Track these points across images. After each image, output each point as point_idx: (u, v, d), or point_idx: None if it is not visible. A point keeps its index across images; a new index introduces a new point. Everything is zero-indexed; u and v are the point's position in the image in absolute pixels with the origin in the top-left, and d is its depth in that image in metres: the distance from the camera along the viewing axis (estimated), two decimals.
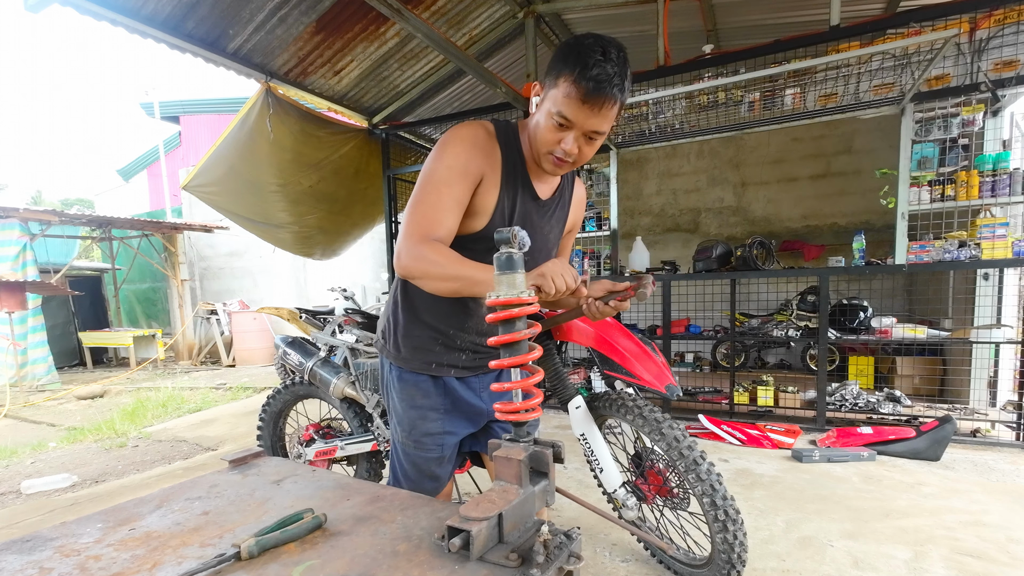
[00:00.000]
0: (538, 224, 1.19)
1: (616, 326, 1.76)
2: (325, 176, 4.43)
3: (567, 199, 1.28)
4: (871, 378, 4.19)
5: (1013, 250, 3.02)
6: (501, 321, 0.77)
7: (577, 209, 1.33)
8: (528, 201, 1.16)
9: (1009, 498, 2.44)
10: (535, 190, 1.17)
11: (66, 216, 7.84)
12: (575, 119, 1.00)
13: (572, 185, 1.30)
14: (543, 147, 1.06)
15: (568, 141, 1.03)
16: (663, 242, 6.39)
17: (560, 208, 1.26)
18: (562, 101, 0.99)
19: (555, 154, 1.05)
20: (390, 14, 3.33)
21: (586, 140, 1.04)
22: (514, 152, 1.13)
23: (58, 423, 4.88)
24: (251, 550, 0.66)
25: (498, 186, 1.10)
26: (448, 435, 1.26)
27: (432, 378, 1.24)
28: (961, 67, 3.17)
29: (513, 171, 1.12)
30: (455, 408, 1.26)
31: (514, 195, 1.13)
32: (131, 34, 3.03)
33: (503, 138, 1.12)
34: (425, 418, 1.24)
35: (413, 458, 1.26)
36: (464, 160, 1.05)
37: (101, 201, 14.72)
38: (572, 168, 1.11)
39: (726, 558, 1.55)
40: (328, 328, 2.75)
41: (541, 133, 1.05)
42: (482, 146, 1.08)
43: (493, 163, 1.10)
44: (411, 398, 1.25)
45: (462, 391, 1.25)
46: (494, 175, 1.10)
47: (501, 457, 0.72)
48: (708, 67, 3.51)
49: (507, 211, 1.13)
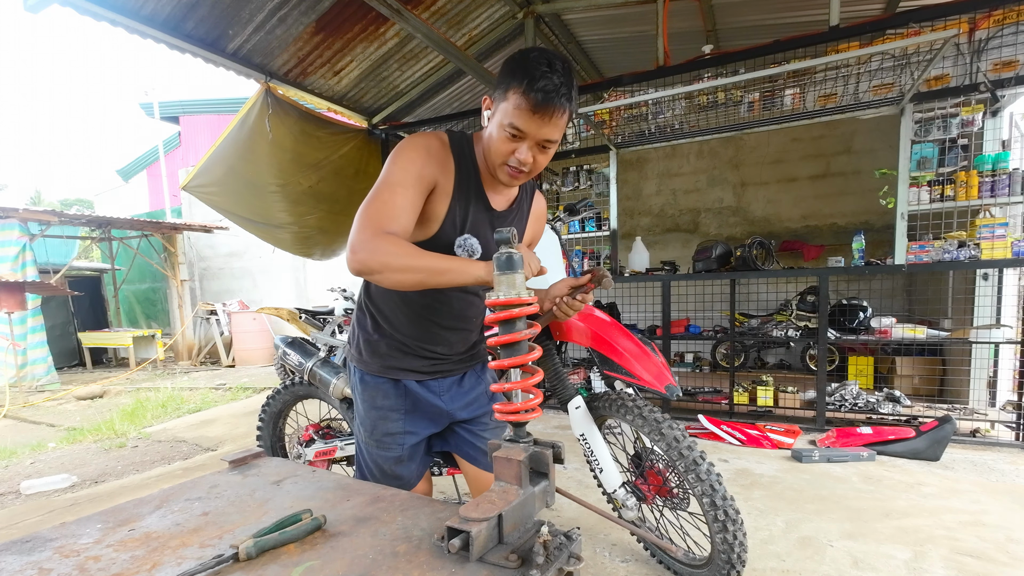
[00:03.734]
0: (490, 234, 1.19)
1: (616, 326, 1.76)
2: (325, 176, 4.43)
3: (525, 211, 1.30)
4: (871, 378, 4.19)
5: (1012, 250, 3.02)
6: (501, 321, 0.77)
7: (536, 223, 1.35)
8: (481, 211, 1.18)
9: (1009, 498, 2.44)
10: (488, 200, 1.18)
11: (66, 216, 7.84)
12: (527, 129, 1.02)
13: (531, 198, 1.32)
14: (497, 158, 1.09)
15: (522, 151, 1.05)
16: (663, 242, 6.39)
17: (518, 220, 1.27)
18: (513, 113, 1.02)
19: (510, 164, 1.08)
20: (390, 14, 3.34)
21: (540, 149, 1.07)
22: (468, 162, 1.15)
23: (57, 423, 4.88)
24: (249, 551, 0.66)
25: (450, 195, 1.13)
26: (408, 435, 1.29)
27: (392, 381, 1.27)
28: (960, 67, 3.17)
29: (466, 181, 1.14)
30: (416, 409, 1.29)
31: (466, 204, 1.15)
32: (131, 34, 3.03)
33: (457, 149, 1.15)
34: (386, 418, 1.28)
35: (375, 457, 1.29)
36: (418, 166, 1.08)
37: (101, 201, 14.71)
38: (528, 178, 1.13)
39: (726, 558, 1.55)
40: (328, 328, 2.75)
41: (495, 145, 1.08)
42: (435, 155, 1.11)
43: (446, 172, 1.12)
44: (372, 399, 1.28)
45: (422, 393, 1.28)
46: (447, 184, 1.12)
47: (501, 457, 0.72)
48: (708, 67, 3.52)
49: (458, 220, 1.14)
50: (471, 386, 1.36)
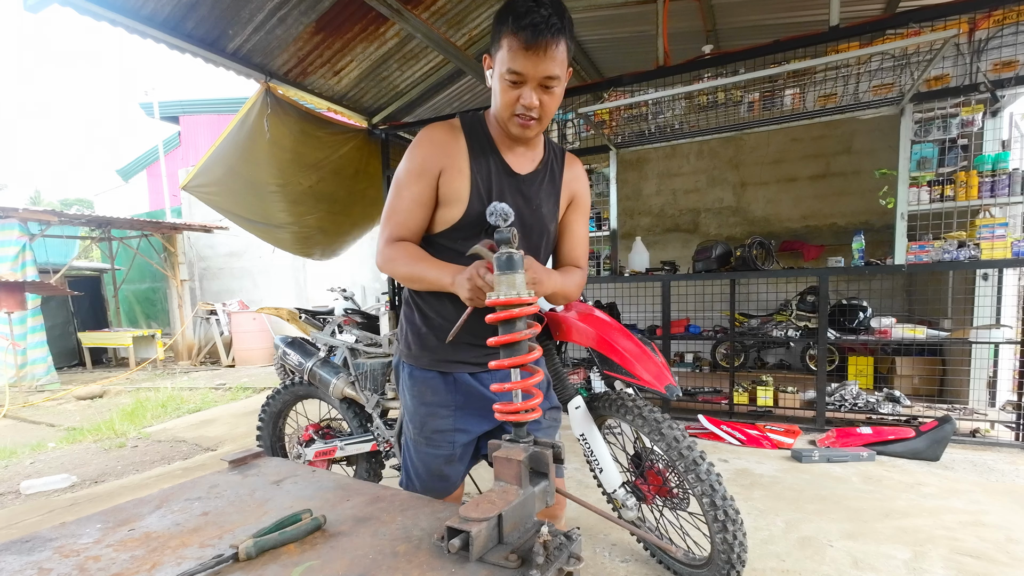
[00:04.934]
0: (520, 198, 1.18)
1: (616, 326, 1.76)
2: (325, 176, 4.43)
3: (557, 173, 1.25)
4: (870, 378, 4.19)
5: (1012, 250, 3.02)
6: (501, 321, 0.77)
7: (575, 183, 1.29)
8: (504, 177, 1.16)
9: (1008, 498, 2.44)
10: (509, 165, 1.17)
11: (65, 216, 7.84)
12: (524, 70, 1.01)
13: (562, 159, 1.27)
14: (505, 110, 1.08)
15: (526, 95, 1.04)
16: (663, 242, 6.38)
17: (549, 182, 1.23)
18: (508, 57, 1.01)
19: (517, 114, 1.07)
20: (390, 14, 3.34)
21: (543, 90, 1.05)
22: (480, 135, 1.16)
23: (57, 423, 4.88)
24: (249, 551, 0.66)
25: (467, 171, 1.13)
26: (459, 432, 1.24)
27: (442, 375, 1.24)
28: (960, 67, 3.17)
29: (481, 152, 1.15)
30: (467, 405, 1.24)
31: (487, 173, 1.14)
32: (131, 34, 3.03)
33: (468, 126, 1.17)
34: (435, 415, 1.24)
35: (423, 456, 1.26)
36: (420, 161, 1.13)
37: (100, 201, 14.71)
38: (540, 126, 1.11)
39: (726, 558, 1.55)
40: (328, 328, 2.75)
41: (500, 98, 1.07)
42: (439, 141, 1.13)
43: (455, 152, 1.13)
44: (421, 395, 1.25)
45: (474, 387, 1.23)
46: (460, 162, 1.13)
47: (501, 457, 0.72)
48: (708, 67, 3.52)
49: (483, 190, 1.13)
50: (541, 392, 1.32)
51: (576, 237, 1.32)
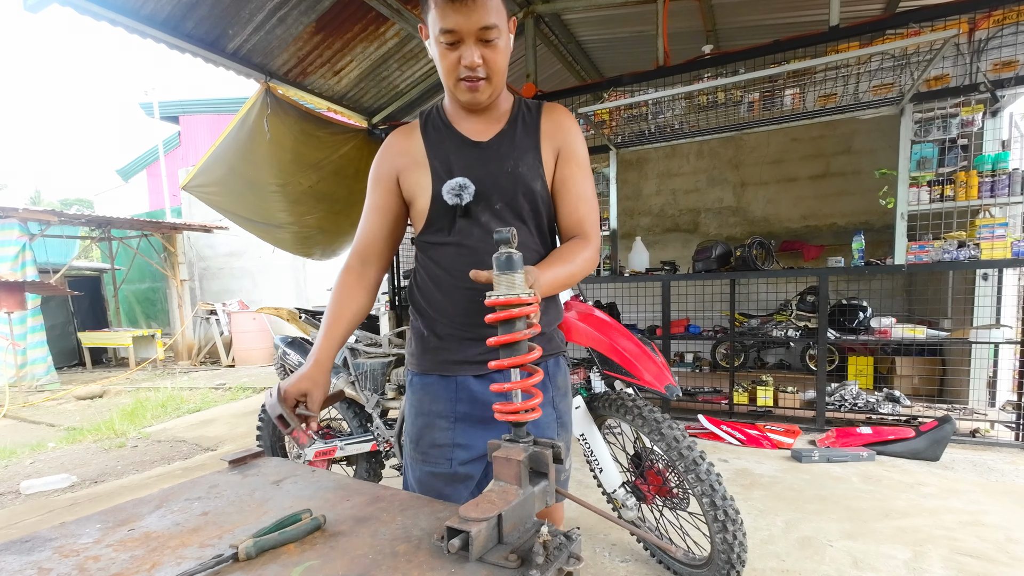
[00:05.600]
0: (488, 164, 1.07)
1: (616, 326, 1.76)
2: (325, 176, 4.43)
3: (531, 125, 1.11)
4: (870, 378, 4.19)
5: (1012, 250, 3.02)
6: (500, 321, 0.77)
7: (558, 132, 1.12)
8: (465, 149, 1.08)
9: (1008, 498, 2.44)
10: (468, 137, 1.09)
11: (65, 216, 7.84)
12: (456, 26, 0.94)
13: (538, 111, 1.14)
14: (448, 77, 1.01)
15: (465, 54, 0.97)
16: (663, 242, 6.39)
17: (523, 136, 1.10)
18: (437, 16, 0.95)
19: (462, 76, 1.00)
20: (390, 14, 3.34)
21: (483, 45, 0.97)
22: (435, 119, 1.12)
23: (57, 423, 4.88)
24: (249, 551, 0.66)
25: (425, 160, 1.08)
26: (458, 448, 1.10)
27: (443, 379, 1.12)
28: (960, 67, 3.17)
29: (436, 135, 1.10)
30: (469, 416, 1.10)
31: (444, 154, 1.08)
32: (131, 34, 3.03)
33: (424, 118, 1.14)
34: (432, 426, 1.12)
35: (420, 474, 1.14)
36: (375, 170, 1.14)
37: (100, 201, 14.71)
38: (491, 85, 1.02)
39: (725, 558, 1.55)
40: None
41: (441, 64, 1.01)
42: (392, 145, 1.13)
43: (410, 149, 1.10)
44: (419, 403, 1.15)
45: (480, 392, 1.10)
46: (417, 155, 1.09)
47: (501, 458, 0.72)
48: (708, 67, 3.52)
49: (442, 171, 1.06)
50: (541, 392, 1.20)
51: (574, 195, 1.12)
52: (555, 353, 1.19)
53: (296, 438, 0.96)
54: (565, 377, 1.23)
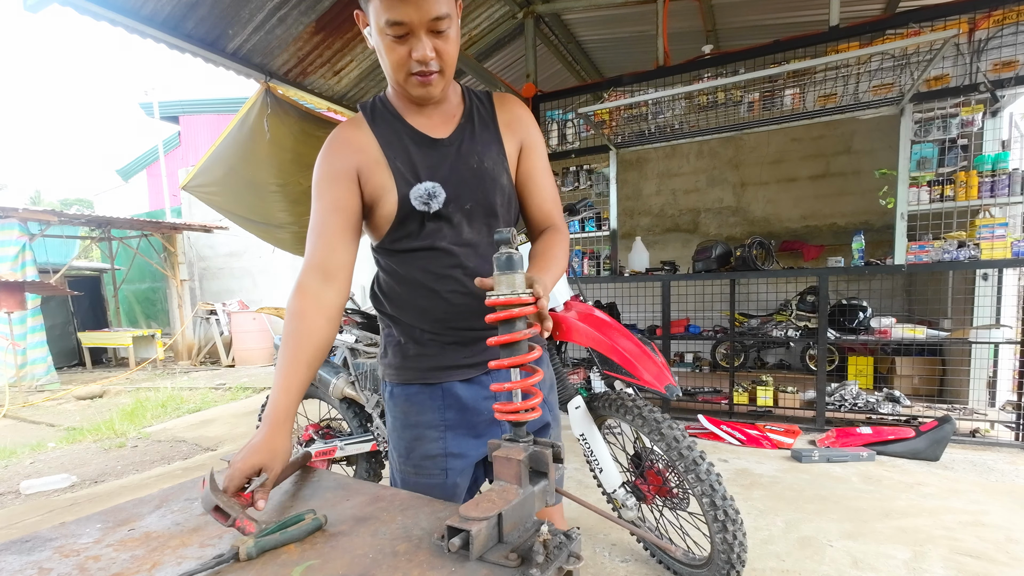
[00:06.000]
0: (454, 163, 1.01)
1: (616, 326, 1.76)
2: None
3: (488, 118, 1.06)
4: (870, 378, 4.19)
5: (1012, 250, 3.02)
6: (500, 321, 0.77)
7: (515, 123, 1.08)
8: (423, 149, 1.00)
9: (1008, 498, 2.44)
10: (425, 134, 1.01)
11: (65, 216, 7.84)
12: (405, 17, 0.86)
13: (490, 103, 1.09)
14: (398, 71, 0.93)
15: (417, 48, 0.89)
16: (663, 242, 6.39)
17: (481, 130, 1.05)
18: (382, 7, 0.86)
19: (413, 71, 0.92)
20: None
21: (435, 36, 0.90)
22: (383, 114, 1.03)
23: (57, 423, 4.88)
24: (249, 551, 0.66)
25: (383, 159, 0.99)
26: (452, 457, 1.05)
27: (427, 387, 1.06)
28: (960, 67, 3.17)
29: (391, 132, 1.01)
30: (460, 423, 1.06)
31: (405, 153, 0.99)
32: (131, 34, 3.03)
33: (369, 111, 1.04)
34: (422, 438, 1.06)
35: (413, 488, 1.06)
36: (327, 168, 1.00)
37: (100, 201, 14.70)
38: (443, 78, 0.96)
39: (725, 558, 1.55)
40: None
41: (387, 58, 0.92)
42: (343, 141, 1.01)
43: (364, 145, 1.00)
44: (404, 415, 1.07)
45: (468, 398, 1.05)
46: (372, 151, 1.00)
47: (501, 457, 0.72)
48: (708, 67, 3.52)
49: (407, 172, 0.98)
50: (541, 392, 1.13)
51: (540, 187, 1.10)
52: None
53: (241, 528, 0.70)
54: (548, 368, 1.21)
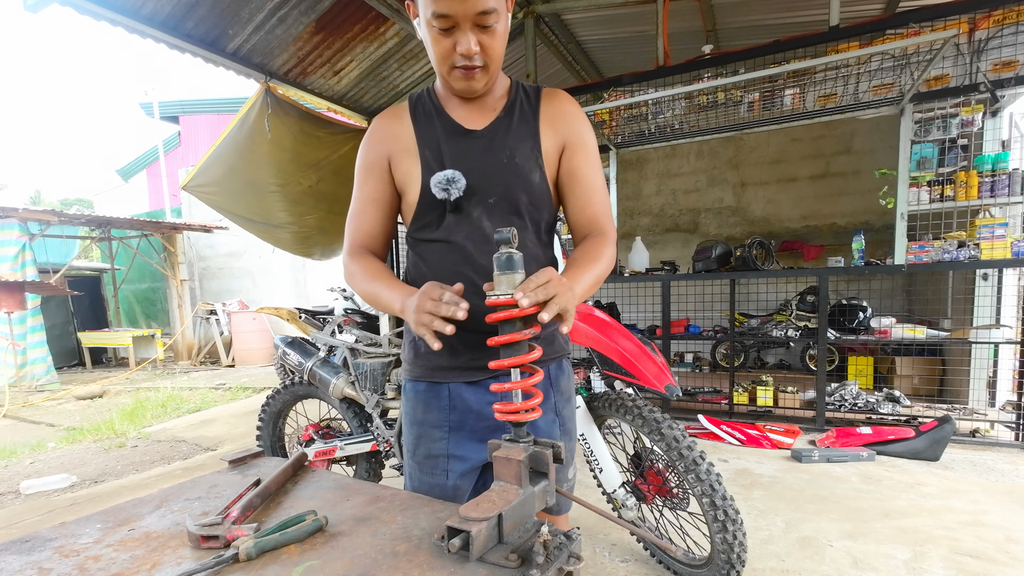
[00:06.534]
0: (481, 155, 1.00)
1: (616, 326, 1.77)
2: (325, 176, 4.43)
3: (529, 112, 1.04)
4: (870, 378, 4.19)
5: (1012, 250, 3.02)
6: (501, 321, 0.77)
7: (560, 119, 1.05)
8: (455, 138, 1.01)
9: (1008, 498, 2.44)
10: (460, 124, 1.02)
11: (65, 216, 7.84)
12: (452, 10, 0.86)
13: (536, 96, 1.07)
14: (442, 63, 0.94)
15: (462, 41, 0.89)
16: (663, 242, 6.39)
17: (520, 124, 1.03)
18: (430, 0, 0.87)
19: (457, 64, 0.92)
20: (390, 14, 3.34)
21: (481, 31, 0.89)
22: (425, 103, 1.05)
23: (57, 423, 4.88)
24: (249, 552, 0.66)
25: (415, 147, 1.01)
26: (453, 459, 1.05)
27: (434, 386, 1.06)
28: (960, 67, 3.17)
29: (426, 121, 1.03)
30: (463, 425, 1.05)
31: (435, 142, 1.01)
32: (131, 34, 3.03)
33: (413, 101, 1.06)
34: (426, 436, 1.07)
35: (417, 484, 1.09)
36: (363, 158, 1.05)
37: (100, 201, 14.71)
38: (488, 73, 0.95)
39: (725, 558, 1.55)
40: (327, 328, 2.75)
41: (433, 50, 0.93)
42: (380, 129, 1.05)
43: (400, 133, 1.03)
44: (413, 412, 1.10)
45: (472, 401, 1.04)
46: (407, 141, 1.02)
47: (501, 457, 0.72)
48: (708, 67, 3.52)
49: (432, 161, 0.99)
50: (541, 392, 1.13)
51: (585, 187, 1.06)
52: (558, 356, 1.14)
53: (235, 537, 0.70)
54: (569, 381, 1.17)
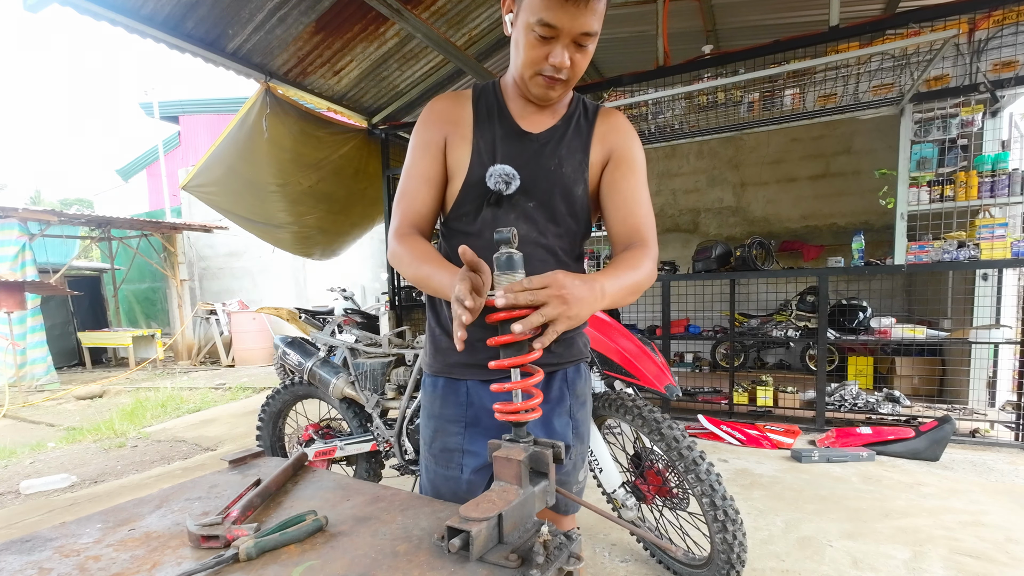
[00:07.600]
0: (532, 158, 1.02)
1: (616, 326, 1.77)
2: (325, 176, 4.43)
3: (584, 126, 1.06)
4: (870, 378, 4.19)
5: (1012, 250, 3.02)
6: (500, 321, 0.77)
7: (611, 134, 1.05)
8: (511, 137, 1.02)
9: (1008, 498, 2.44)
10: (519, 125, 1.03)
11: (65, 216, 7.84)
12: (559, 23, 0.85)
13: (591, 113, 1.08)
14: (529, 68, 0.93)
15: (556, 53, 0.89)
16: (662, 242, 6.38)
17: (574, 136, 1.04)
18: (539, 5, 0.85)
19: (544, 73, 0.92)
20: (390, 14, 3.34)
21: (576, 48, 0.90)
22: (489, 97, 1.05)
23: (57, 423, 4.88)
24: (249, 552, 0.66)
25: (470, 136, 1.01)
26: (468, 455, 1.06)
27: (452, 382, 1.08)
28: (960, 68, 3.17)
29: (487, 114, 1.03)
30: (478, 422, 1.06)
31: (491, 136, 1.01)
32: (131, 34, 3.03)
33: (477, 92, 1.06)
34: (443, 430, 1.08)
35: (432, 475, 1.10)
36: (421, 135, 1.03)
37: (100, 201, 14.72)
38: (567, 86, 0.97)
39: (725, 558, 1.55)
40: (327, 328, 2.75)
41: (524, 53, 0.91)
42: (441, 111, 1.04)
43: (459, 119, 1.03)
44: (431, 406, 1.11)
45: (488, 399, 1.04)
46: (463, 129, 1.02)
47: (501, 457, 0.72)
48: (708, 67, 3.52)
49: (485, 154, 1.00)
50: (556, 396, 1.08)
51: (626, 199, 1.05)
52: (576, 360, 1.12)
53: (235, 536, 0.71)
54: (586, 385, 1.15)
